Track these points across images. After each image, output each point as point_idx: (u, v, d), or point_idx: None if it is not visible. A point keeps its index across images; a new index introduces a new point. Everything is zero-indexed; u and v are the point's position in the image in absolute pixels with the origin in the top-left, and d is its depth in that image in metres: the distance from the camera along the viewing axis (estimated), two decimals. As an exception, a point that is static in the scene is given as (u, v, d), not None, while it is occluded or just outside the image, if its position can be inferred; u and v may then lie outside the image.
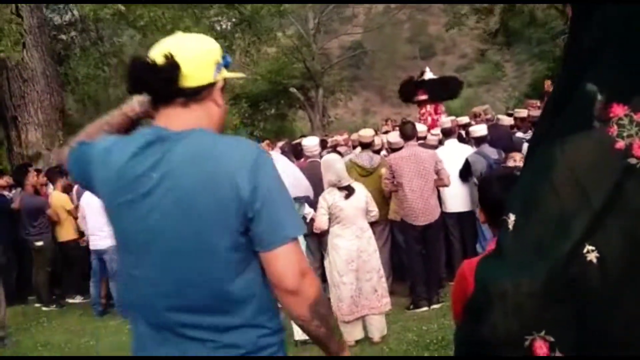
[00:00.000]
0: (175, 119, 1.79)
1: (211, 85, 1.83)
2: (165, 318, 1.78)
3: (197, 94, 1.80)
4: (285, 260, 1.71)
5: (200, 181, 1.70)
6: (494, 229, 2.58)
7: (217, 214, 1.69)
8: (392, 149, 7.89)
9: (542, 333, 1.25)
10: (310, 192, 6.33)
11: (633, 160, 1.19)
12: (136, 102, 2.08)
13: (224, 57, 1.89)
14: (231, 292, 1.74)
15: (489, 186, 2.52)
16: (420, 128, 8.41)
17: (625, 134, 1.19)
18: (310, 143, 7.85)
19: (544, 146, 1.32)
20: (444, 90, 11.44)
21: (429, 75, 11.65)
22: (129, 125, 2.09)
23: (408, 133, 7.20)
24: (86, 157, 1.89)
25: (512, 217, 1.34)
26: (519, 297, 1.25)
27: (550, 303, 1.24)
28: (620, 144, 1.19)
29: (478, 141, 7.67)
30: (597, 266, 1.19)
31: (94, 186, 1.89)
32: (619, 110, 1.21)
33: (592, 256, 1.19)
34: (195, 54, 1.79)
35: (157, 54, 1.77)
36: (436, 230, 7.23)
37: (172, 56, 1.73)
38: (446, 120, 8.52)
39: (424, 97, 11.28)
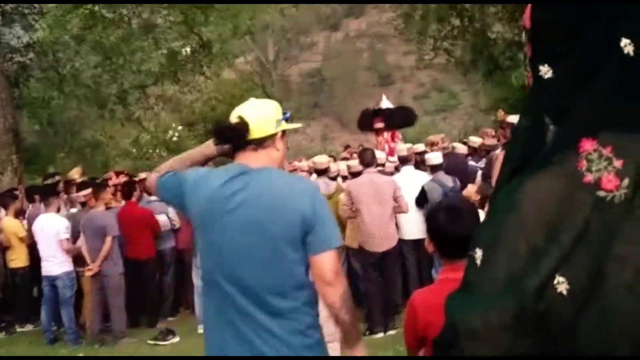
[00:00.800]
0: (249, 159, 2.53)
1: (272, 136, 2.56)
2: (248, 299, 2.43)
3: (263, 143, 2.54)
4: (328, 262, 2.45)
5: (272, 205, 2.44)
6: (442, 259, 2.61)
7: (283, 228, 2.42)
8: (352, 173, 7.93)
9: None
10: None
11: (602, 194, 1.20)
12: (211, 145, 2.74)
13: (284, 114, 2.63)
14: (290, 284, 2.46)
15: (436, 217, 2.54)
16: (380, 155, 8.49)
17: (594, 168, 1.21)
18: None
19: (512, 182, 1.33)
20: (400, 119, 11.59)
21: (385, 104, 11.81)
22: (204, 162, 2.83)
23: (367, 160, 7.26)
24: (180, 182, 2.59)
25: (479, 253, 1.34)
26: (489, 332, 1.25)
27: (521, 335, 1.24)
28: (589, 178, 1.21)
29: (434, 169, 7.77)
30: (567, 298, 1.20)
31: (186, 205, 2.59)
32: (588, 145, 1.22)
33: (563, 288, 1.20)
34: (259, 115, 2.54)
35: (234, 116, 2.54)
36: (394, 257, 7.28)
37: (243, 118, 2.50)
38: (403, 148, 8.60)
39: (380, 124, 11.41)
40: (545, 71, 1.36)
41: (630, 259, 1.20)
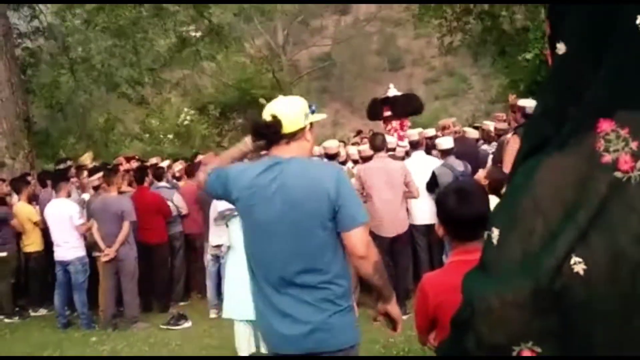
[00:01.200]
0: (282, 151, 2.89)
1: (302, 129, 2.92)
2: (285, 275, 2.80)
3: (294, 136, 2.90)
4: (358, 237, 2.79)
5: (304, 189, 2.79)
6: (452, 242, 2.61)
7: (315, 209, 2.77)
8: (362, 158, 7.93)
9: (530, 344, 1.25)
10: None
11: (619, 174, 1.20)
12: (248, 142, 3.10)
13: (310, 107, 2.99)
14: (322, 260, 2.80)
15: (446, 200, 2.54)
16: (390, 140, 8.46)
17: (611, 149, 1.20)
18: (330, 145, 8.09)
19: (530, 161, 1.32)
20: (407, 107, 11.60)
21: (393, 92, 11.80)
22: (241, 158, 3.23)
23: (378, 144, 7.25)
24: (225, 179, 2.96)
25: (495, 232, 1.34)
26: (505, 310, 1.26)
27: (537, 314, 1.24)
28: (607, 158, 1.20)
29: (444, 153, 7.73)
30: (583, 278, 1.19)
31: (230, 195, 2.96)
32: (605, 125, 1.21)
33: (579, 268, 1.20)
34: (290, 112, 2.89)
35: (267, 114, 2.89)
36: (404, 242, 7.28)
37: (276, 116, 2.85)
38: (413, 133, 8.58)
39: (388, 113, 11.44)
40: (560, 48, 1.35)
41: None
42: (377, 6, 38.37)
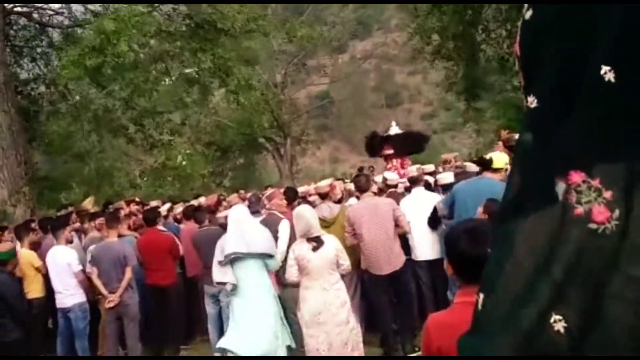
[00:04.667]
0: None
1: None
2: None
3: None
4: None
5: None
6: (459, 282, 2.57)
7: None
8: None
9: None
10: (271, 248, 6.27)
11: (593, 226, 1.17)
12: None
13: None
14: None
15: (457, 240, 2.50)
16: (391, 176, 8.47)
17: (583, 200, 1.18)
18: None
19: (510, 222, 1.31)
20: (410, 145, 11.58)
21: (394, 129, 11.77)
22: None
23: (362, 185, 7.29)
24: None
25: (481, 296, 1.33)
26: None
27: None
28: (579, 210, 1.17)
29: (445, 188, 7.70)
30: (564, 336, 1.17)
31: None
32: (576, 177, 1.19)
33: (560, 326, 1.16)
34: None
35: None
36: (404, 279, 7.20)
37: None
38: (412, 169, 8.55)
39: (389, 151, 11.41)
40: (531, 101, 1.34)
41: (628, 297, 1.15)
42: (373, 44, 38.89)
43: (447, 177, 7.85)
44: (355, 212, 7.07)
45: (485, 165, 6.61)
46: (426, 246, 7.47)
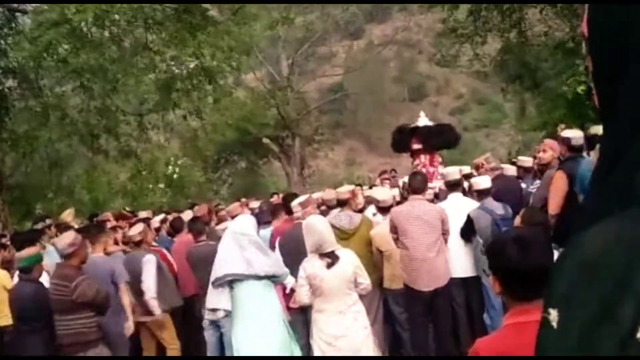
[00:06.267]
0: None
1: None
2: None
3: None
4: None
5: None
6: (509, 301, 2.54)
7: None
8: (379, 207, 7.93)
9: None
10: (279, 267, 6.23)
11: None
12: None
13: None
14: None
15: (503, 250, 2.47)
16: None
17: None
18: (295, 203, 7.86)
19: (586, 228, 1.27)
20: (441, 139, 11.43)
21: (423, 121, 11.61)
22: None
23: (417, 185, 7.20)
24: None
25: (553, 313, 1.29)
26: None
27: None
28: None
29: (481, 194, 7.61)
30: None
31: None
32: None
33: None
34: None
35: None
36: (445, 299, 7.15)
37: None
38: (453, 171, 8.31)
39: (418, 145, 11.27)
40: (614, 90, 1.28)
41: None
42: (393, 28, 38.81)
43: (483, 182, 7.77)
44: (399, 216, 7.03)
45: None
46: (461, 262, 7.41)
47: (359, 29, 54.05)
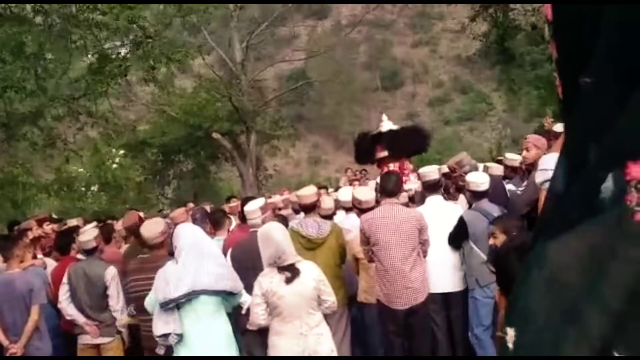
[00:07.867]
0: None
1: None
2: None
3: None
4: None
5: None
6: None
7: None
8: (360, 209, 7.86)
9: None
10: (236, 284, 6.13)
11: None
12: None
13: None
14: None
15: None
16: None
17: None
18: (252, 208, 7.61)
19: (537, 247, 1.29)
20: (409, 144, 11.50)
21: (387, 125, 11.67)
22: None
23: (390, 187, 7.18)
24: None
25: (510, 333, 1.31)
26: None
27: None
28: None
29: (476, 196, 7.55)
30: None
31: None
32: (635, 170, 1.16)
33: None
34: None
35: None
36: (422, 318, 7.14)
37: None
38: (431, 170, 8.30)
39: (383, 153, 11.34)
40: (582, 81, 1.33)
41: None
42: (363, 6, 38.81)
43: (483, 182, 7.62)
44: (370, 224, 7.00)
45: None
46: (443, 274, 7.42)
47: (324, 8, 54.15)
